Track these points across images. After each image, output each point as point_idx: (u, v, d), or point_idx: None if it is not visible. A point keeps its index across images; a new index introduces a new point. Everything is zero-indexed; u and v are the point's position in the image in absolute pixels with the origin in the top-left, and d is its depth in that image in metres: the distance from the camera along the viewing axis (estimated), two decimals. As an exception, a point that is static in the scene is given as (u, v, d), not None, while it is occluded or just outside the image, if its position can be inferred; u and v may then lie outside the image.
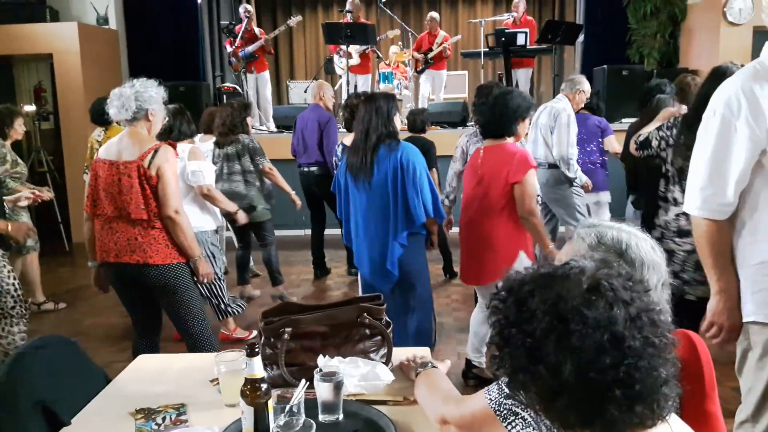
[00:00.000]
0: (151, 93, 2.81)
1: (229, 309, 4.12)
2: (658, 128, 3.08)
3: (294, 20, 8.08)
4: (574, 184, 4.49)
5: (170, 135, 3.66)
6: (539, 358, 0.89)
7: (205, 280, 2.94)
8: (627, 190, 4.54)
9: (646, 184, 3.45)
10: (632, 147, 3.17)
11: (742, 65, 2.71)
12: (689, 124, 2.72)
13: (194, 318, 2.94)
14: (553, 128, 4.39)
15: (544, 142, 4.48)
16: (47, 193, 3.86)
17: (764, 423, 1.83)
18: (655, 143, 3.03)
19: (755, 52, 7.87)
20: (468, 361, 3.52)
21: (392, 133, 3.12)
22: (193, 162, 3.69)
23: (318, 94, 5.36)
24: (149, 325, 3.05)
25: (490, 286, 2.41)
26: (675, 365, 0.91)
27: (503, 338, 0.94)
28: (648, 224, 3.07)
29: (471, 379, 3.50)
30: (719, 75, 2.69)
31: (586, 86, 4.64)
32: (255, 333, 4.30)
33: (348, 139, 4.07)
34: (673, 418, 1.02)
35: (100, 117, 5.20)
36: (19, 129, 4.67)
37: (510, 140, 3.14)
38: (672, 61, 8.07)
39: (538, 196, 3.15)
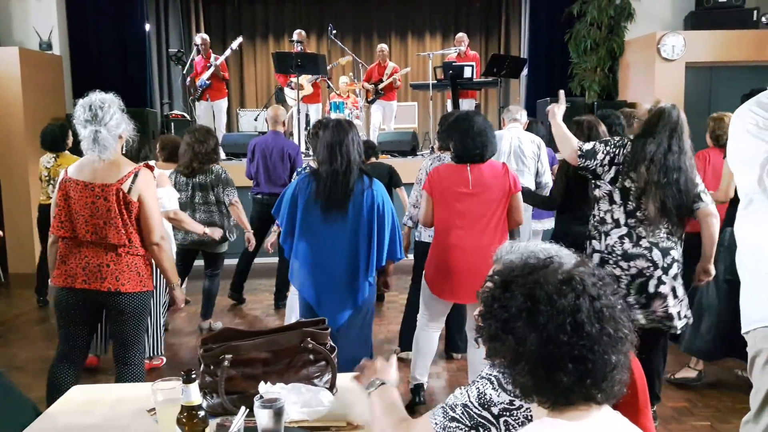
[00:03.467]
0: (116, 116, 2.68)
1: (158, 350, 4.09)
2: (606, 142, 2.97)
3: (236, 43, 8.09)
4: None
5: (139, 157, 3.57)
6: (511, 329, 1.06)
7: (181, 306, 2.96)
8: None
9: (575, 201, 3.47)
10: (573, 154, 3.01)
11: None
12: (635, 150, 2.85)
13: (139, 348, 2.90)
14: (539, 156, 4.51)
15: (529, 170, 4.50)
16: None
17: (764, 422, 1.92)
18: (600, 156, 2.92)
19: (687, 86, 8.24)
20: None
21: (364, 164, 3.10)
22: (159, 188, 3.64)
23: (280, 121, 5.30)
24: (81, 354, 2.91)
25: None
26: (627, 357, 1.07)
27: (487, 311, 1.12)
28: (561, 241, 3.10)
29: None
30: (664, 112, 2.87)
31: None
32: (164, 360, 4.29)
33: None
34: (619, 415, 1.12)
35: (53, 144, 5.11)
36: None
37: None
38: (611, 93, 8.43)
39: None
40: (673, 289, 2.92)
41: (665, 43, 7.39)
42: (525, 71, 8.58)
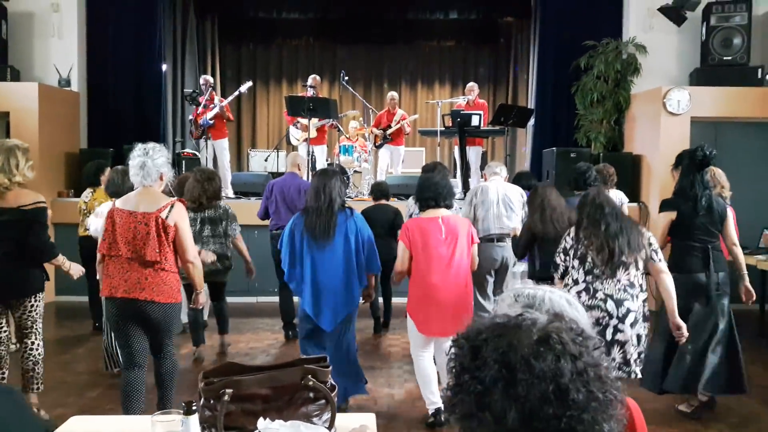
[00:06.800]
0: (162, 158, 3.35)
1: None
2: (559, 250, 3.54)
3: (245, 87, 8.29)
4: None
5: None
6: (487, 404, 0.91)
7: (200, 307, 3.63)
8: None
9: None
10: (558, 283, 3.54)
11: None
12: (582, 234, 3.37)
13: (170, 342, 3.51)
14: (523, 203, 5.01)
15: (516, 214, 5.02)
16: None
17: None
18: (559, 261, 3.47)
19: (693, 140, 8.32)
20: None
21: (344, 202, 3.87)
22: None
23: (297, 164, 5.80)
24: (142, 357, 3.40)
25: None
26: (620, 422, 0.94)
27: (457, 384, 0.97)
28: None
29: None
30: (585, 199, 3.42)
31: None
32: None
33: None
34: None
35: (88, 178, 5.70)
36: None
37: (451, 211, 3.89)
38: (617, 145, 8.50)
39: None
40: (635, 337, 3.23)
41: (671, 98, 7.50)
42: (532, 121, 8.70)
